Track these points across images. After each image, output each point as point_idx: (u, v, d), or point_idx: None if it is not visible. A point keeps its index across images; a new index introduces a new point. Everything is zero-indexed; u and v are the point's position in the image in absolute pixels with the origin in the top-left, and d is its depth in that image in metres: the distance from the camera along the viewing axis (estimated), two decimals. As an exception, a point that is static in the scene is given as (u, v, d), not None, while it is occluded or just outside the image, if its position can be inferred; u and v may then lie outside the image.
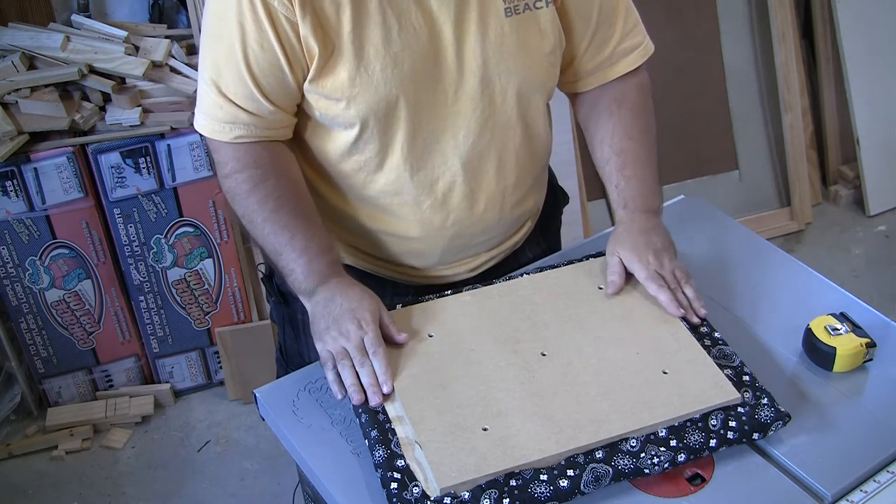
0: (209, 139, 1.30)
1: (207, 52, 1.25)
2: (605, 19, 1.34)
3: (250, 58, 1.21)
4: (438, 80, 1.25)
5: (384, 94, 1.23)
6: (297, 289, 1.28)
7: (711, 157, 3.03)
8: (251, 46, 1.20)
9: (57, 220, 2.23)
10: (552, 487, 1.08)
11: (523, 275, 1.39)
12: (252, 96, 1.24)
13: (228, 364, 2.52)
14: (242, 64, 1.21)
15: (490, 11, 1.24)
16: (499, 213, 1.39)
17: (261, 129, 1.27)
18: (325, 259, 1.28)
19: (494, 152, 1.33)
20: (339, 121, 1.26)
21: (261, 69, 1.22)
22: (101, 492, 2.33)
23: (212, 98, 1.26)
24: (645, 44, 1.40)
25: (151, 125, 2.18)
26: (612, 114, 1.40)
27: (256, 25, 1.19)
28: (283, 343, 1.56)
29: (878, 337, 1.27)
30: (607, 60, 1.38)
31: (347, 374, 1.20)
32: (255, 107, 1.25)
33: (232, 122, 1.26)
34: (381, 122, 1.25)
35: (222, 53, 1.23)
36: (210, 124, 1.28)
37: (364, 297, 1.25)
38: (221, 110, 1.26)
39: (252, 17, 1.19)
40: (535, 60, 1.30)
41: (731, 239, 1.52)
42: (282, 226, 1.27)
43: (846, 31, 2.99)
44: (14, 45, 2.20)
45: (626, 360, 1.23)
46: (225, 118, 1.26)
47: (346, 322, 1.22)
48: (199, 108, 1.29)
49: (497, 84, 1.28)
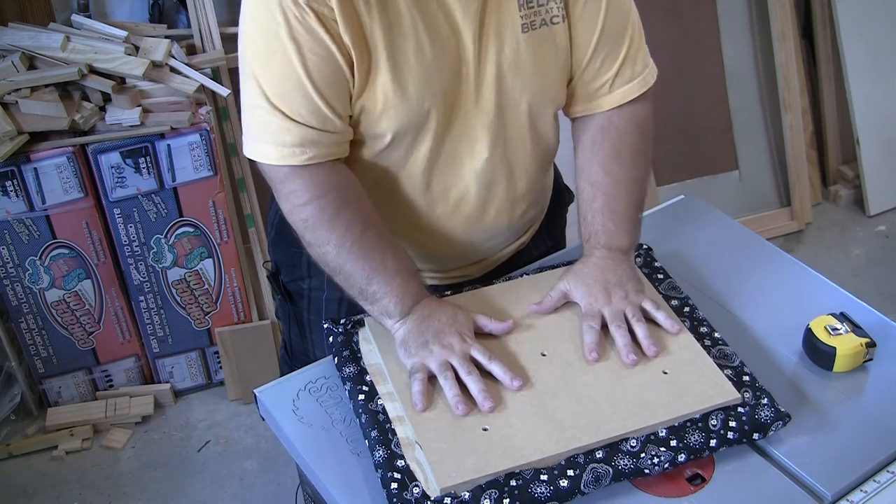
0: (274, 168, 1.22)
1: (260, 75, 1.18)
2: (609, 41, 1.30)
3: (311, 70, 1.16)
4: (459, 93, 1.25)
5: (417, 107, 1.21)
6: (389, 312, 1.23)
7: (711, 157, 3.03)
8: (309, 58, 1.15)
9: (57, 220, 2.23)
10: (552, 487, 1.08)
11: (523, 275, 1.39)
12: (318, 111, 1.18)
13: (228, 364, 2.52)
14: (305, 78, 1.16)
15: (507, 27, 1.23)
16: (508, 221, 1.39)
17: (329, 146, 1.22)
18: (416, 281, 1.26)
19: (506, 164, 1.33)
20: (369, 132, 1.25)
21: (324, 79, 1.17)
22: (101, 492, 2.33)
23: (276, 123, 1.19)
24: (645, 73, 1.35)
25: (151, 125, 2.18)
26: (594, 143, 1.35)
27: (310, 35, 1.14)
28: (289, 341, 1.57)
29: (878, 337, 1.27)
30: (605, 87, 1.33)
31: (451, 385, 1.16)
32: (322, 122, 1.20)
33: (301, 145, 1.20)
34: (411, 134, 1.24)
35: (277, 73, 1.17)
36: (278, 150, 1.20)
37: (459, 312, 1.24)
38: (290, 134, 1.19)
39: (304, 28, 1.14)
40: (550, 75, 1.29)
41: (731, 239, 1.52)
42: (371, 248, 1.23)
43: (846, 31, 2.99)
44: (14, 45, 2.20)
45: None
46: (294, 141, 1.20)
47: (447, 336, 1.21)
48: (260, 136, 1.21)
49: (511, 98, 1.27)
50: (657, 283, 1.37)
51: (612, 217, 1.32)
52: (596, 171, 1.33)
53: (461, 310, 1.25)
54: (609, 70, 1.32)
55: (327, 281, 1.43)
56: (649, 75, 1.36)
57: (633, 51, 1.33)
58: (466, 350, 1.20)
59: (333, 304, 1.44)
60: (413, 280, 1.25)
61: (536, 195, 1.42)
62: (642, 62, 1.35)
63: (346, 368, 1.25)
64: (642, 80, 1.35)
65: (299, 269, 1.46)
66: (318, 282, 1.45)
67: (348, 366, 1.25)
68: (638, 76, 1.34)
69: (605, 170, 1.33)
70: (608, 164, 1.33)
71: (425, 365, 1.19)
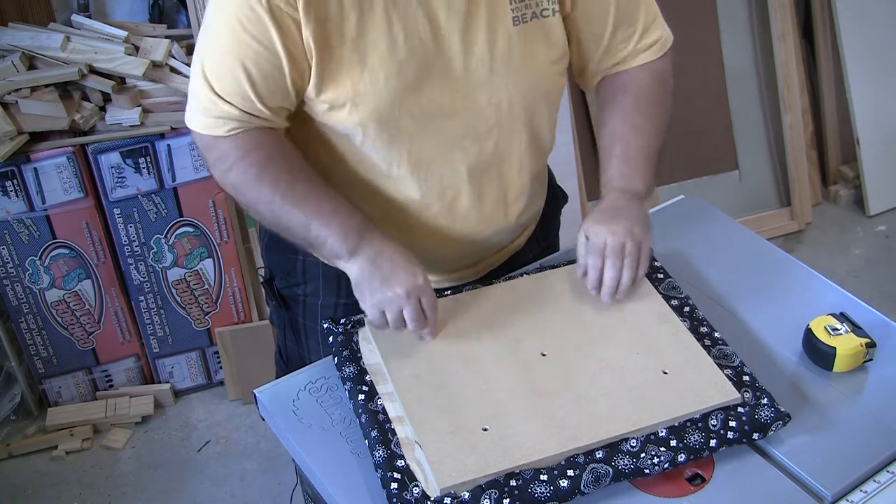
0: (201, 135, 1.26)
1: (203, 45, 1.23)
2: (622, 20, 1.32)
3: (248, 57, 1.18)
4: (444, 90, 1.25)
5: (388, 102, 1.22)
6: (337, 254, 1.24)
7: (711, 157, 3.03)
8: (250, 45, 1.18)
9: (57, 220, 2.23)
10: (552, 487, 1.08)
11: (523, 275, 1.39)
12: (246, 97, 1.21)
13: (228, 364, 2.52)
14: (238, 64, 1.19)
15: (498, 21, 1.23)
16: (504, 219, 1.39)
17: (254, 123, 1.25)
18: (357, 216, 1.25)
19: (500, 161, 1.33)
20: (340, 127, 1.25)
21: (259, 70, 1.19)
22: (101, 492, 2.33)
23: (204, 94, 1.23)
24: (663, 38, 1.38)
25: (151, 125, 2.18)
26: (615, 98, 1.38)
27: (259, 24, 1.16)
28: (284, 346, 1.56)
29: (878, 337, 1.27)
30: (625, 58, 1.37)
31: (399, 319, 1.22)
32: (249, 107, 1.22)
33: (224, 118, 1.23)
34: (384, 130, 1.24)
35: (218, 50, 1.21)
36: (201, 119, 1.24)
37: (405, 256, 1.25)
38: (215, 106, 1.22)
39: (255, 15, 1.16)
40: (542, 69, 1.30)
41: (731, 239, 1.52)
42: (302, 197, 1.24)
43: (846, 31, 2.99)
44: (14, 45, 2.20)
45: (626, 360, 1.23)
46: (217, 113, 1.23)
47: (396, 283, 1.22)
48: (191, 104, 1.26)
49: (504, 93, 1.28)
50: (657, 283, 1.37)
51: (627, 162, 1.34)
52: (617, 123, 1.36)
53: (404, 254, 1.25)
54: (627, 46, 1.35)
55: (323, 286, 1.43)
56: (667, 40, 1.38)
57: (648, 21, 1.35)
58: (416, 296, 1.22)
59: (329, 310, 1.44)
60: (353, 217, 1.25)
61: (531, 194, 1.42)
62: (659, 30, 1.37)
63: (345, 368, 1.25)
64: (660, 45, 1.38)
65: (294, 275, 1.46)
66: (314, 287, 1.44)
67: (348, 366, 1.25)
68: (656, 43, 1.37)
69: (625, 121, 1.36)
70: (629, 115, 1.36)
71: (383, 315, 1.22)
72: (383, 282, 1.21)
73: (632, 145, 1.34)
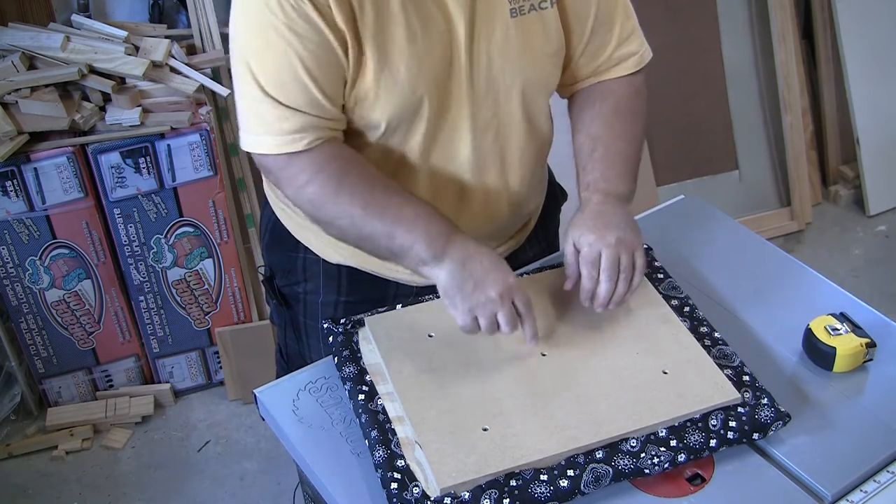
0: (272, 157, 1.22)
1: (255, 66, 1.18)
2: (602, 24, 1.33)
3: (308, 60, 1.16)
4: (452, 80, 1.25)
5: (409, 94, 1.22)
6: (423, 260, 1.20)
7: (711, 157, 3.03)
8: (307, 47, 1.16)
9: (57, 220, 2.23)
10: (552, 487, 1.08)
11: (523, 275, 1.39)
12: (315, 101, 1.19)
13: (228, 364, 2.52)
14: (302, 69, 1.17)
15: (496, 12, 1.24)
16: (504, 211, 1.39)
17: (325, 129, 1.22)
18: (440, 218, 1.22)
19: (500, 151, 1.33)
20: (363, 122, 1.25)
21: (320, 68, 1.17)
22: (101, 492, 2.32)
23: (273, 113, 1.19)
24: (641, 52, 1.38)
25: (151, 125, 2.18)
26: (593, 105, 1.37)
27: (307, 24, 1.15)
28: (284, 345, 1.56)
29: (878, 337, 1.27)
30: (602, 65, 1.37)
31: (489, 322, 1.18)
32: (318, 110, 1.20)
33: (300, 131, 1.20)
34: (405, 122, 1.25)
35: (272, 63, 1.17)
36: (276, 140, 1.20)
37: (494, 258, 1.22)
38: (287, 122, 1.19)
39: (300, 16, 1.14)
40: (540, 61, 1.30)
41: (731, 239, 1.52)
42: (383, 207, 1.21)
43: (846, 31, 2.99)
44: (14, 45, 2.20)
45: (626, 360, 1.23)
46: (292, 129, 1.20)
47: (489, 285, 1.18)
48: (256, 129, 1.21)
49: (502, 84, 1.28)
50: (657, 283, 1.37)
51: (610, 165, 1.32)
52: (596, 126, 1.35)
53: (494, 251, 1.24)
54: (605, 51, 1.35)
55: (323, 284, 1.43)
56: (644, 55, 1.38)
57: (626, 32, 1.35)
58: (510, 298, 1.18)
59: (329, 308, 1.44)
60: (436, 219, 1.22)
61: (531, 185, 1.42)
62: (637, 43, 1.37)
63: (346, 368, 1.25)
64: (638, 59, 1.38)
65: (294, 272, 1.46)
66: (314, 285, 1.44)
67: (348, 366, 1.25)
68: (634, 55, 1.37)
69: (606, 124, 1.34)
70: (608, 119, 1.35)
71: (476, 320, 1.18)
72: (476, 286, 1.18)
73: (613, 149, 1.32)
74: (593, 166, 1.32)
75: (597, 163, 1.32)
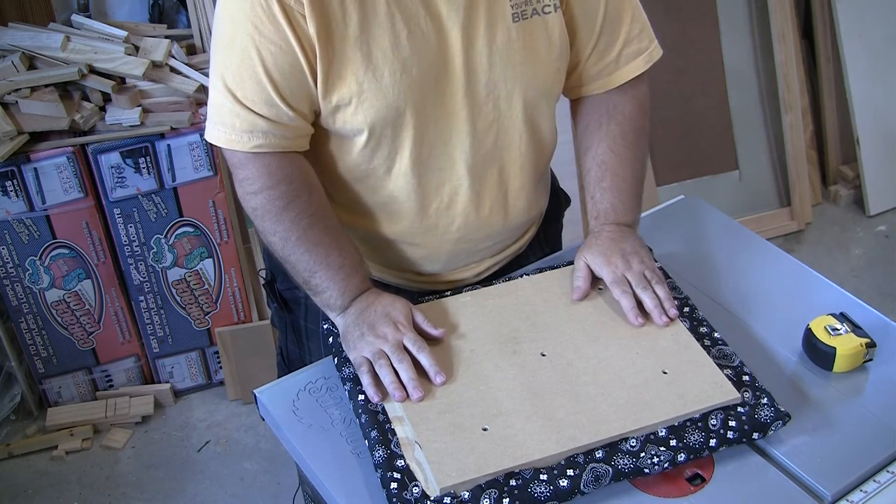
0: (230, 152, 1.25)
1: (220, 58, 1.21)
2: (611, 22, 1.33)
3: (267, 60, 1.18)
4: (446, 85, 1.24)
5: (392, 99, 1.22)
6: (330, 305, 1.29)
7: (711, 157, 3.03)
8: (268, 48, 1.17)
9: (57, 220, 2.23)
10: (552, 487, 1.08)
11: (523, 276, 1.39)
12: (271, 101, 1.20)
13: (228, 364, 2.52)
14: (259, 67, 1.18)
15: (498, 17, 1.23)
16: (504, 218, 1.39)
17: (280, 137, 1.23)
18: (359, 275, 1.30)
19: (500, 157, 1.33)
20: (346, 128, 1.25)
21: (280, 71, 1.19)
22: (101, 492, 2.33)
23: (227, 107, 1.21)
24: (651, 49, 1.38)
25: (151, 125, 2.18)
26: (601, 126, 1.39)
27: (273, 25, 1.16)
28: (285, 348, 1.56)
29: (878, 337, 1.27)
30: (612, 64, 1.36)
31: (386, 373, 1.19)
32: (274, 113, 1.21)
33: (250, 131, 1.22)
34: (389, 128, 1.24)
35: (236, 58, 1.19)
36: (227, 134, 1.23)
37: (396, 302, 1.27)
38: (238, 118, 1.21)
39: (267, 17, 1.16)
40: (542, 66, 1.29)
41: (731, 239, 1.52)
42: (315, 243, 1.27)
43: (846, 31, 3.00)
44: (14, 45, 2.20)
45: (625, 360, 1.23)
46: (243, 127, 1.22)
47: (381, 326, 1.24)
48: (213, 119, 1.24)
49: (503, 89, 1.27)
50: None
51: (619, 195, 1.38)
52: (604, 152, 1.38)
53: (399, 300, 1.28)
54: (613, 49, 1.35)
55: None
56: (655, 50, 1.39)
57: (636, 29, 1.35)
58: (399, 338, 1.23)
59: None
60: (356, 275, 1.29)
61: (533, 194, 1.42)
62: (647, 40, 1.38)
63: (345, 368, 1.25)
64: (649, 54, 1.38)
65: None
66: None
67: (348, 366, 1.25)
68: (643, 53, 1.37)
69: (613, 150, 1.38)
70: (615, 144, 1.38)
71: (365, 357, 1.22)
72: (369, 329, 1.24)
73: (620, 176, 1.38)
74: (602, 195, 1.38)
75: (606, 192, 1.38)
